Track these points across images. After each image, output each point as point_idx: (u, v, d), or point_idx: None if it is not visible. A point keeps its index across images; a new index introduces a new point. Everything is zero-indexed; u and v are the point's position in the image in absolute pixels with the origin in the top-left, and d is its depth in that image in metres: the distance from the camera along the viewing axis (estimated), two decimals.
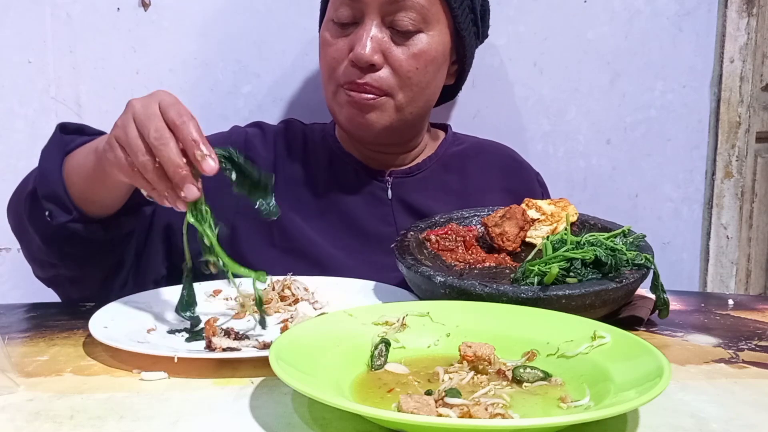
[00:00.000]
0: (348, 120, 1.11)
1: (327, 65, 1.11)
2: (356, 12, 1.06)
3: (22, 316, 0.94)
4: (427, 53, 1.09)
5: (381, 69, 1.07)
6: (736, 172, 1.49)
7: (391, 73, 1.07)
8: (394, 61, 1.07)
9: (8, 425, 0.58)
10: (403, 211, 1.16)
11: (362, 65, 1.06)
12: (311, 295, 0.94)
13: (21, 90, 1.33)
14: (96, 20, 1.33)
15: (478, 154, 1.25)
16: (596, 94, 1.45)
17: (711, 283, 1.53)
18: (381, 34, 1.06)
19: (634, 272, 0.84)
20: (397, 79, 1.08)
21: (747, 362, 0.76)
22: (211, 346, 0.74)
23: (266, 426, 0.58)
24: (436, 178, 1.20)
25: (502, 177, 1.23)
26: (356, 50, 1.05)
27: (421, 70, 1.09)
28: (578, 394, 0.61)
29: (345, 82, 1.08)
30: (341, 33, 1.09)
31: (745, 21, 1.45)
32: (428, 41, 1.08)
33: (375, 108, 1.09)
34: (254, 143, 1.17)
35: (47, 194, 0.91)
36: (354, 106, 1.09)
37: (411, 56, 1.07)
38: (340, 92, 1.09)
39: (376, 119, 1.09)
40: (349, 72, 1.07)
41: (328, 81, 1.11)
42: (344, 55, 1.08)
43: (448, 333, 0.73)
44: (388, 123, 1.10)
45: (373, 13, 1.05)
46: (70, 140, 0.97)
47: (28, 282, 1.35)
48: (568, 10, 1.43)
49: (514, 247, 0.98)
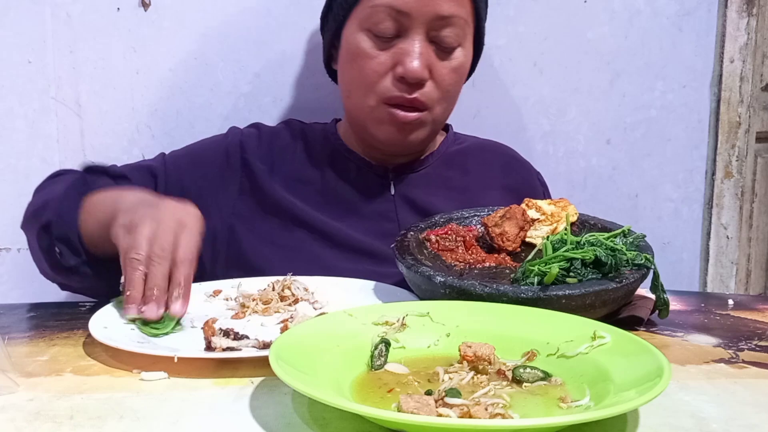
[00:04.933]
0: (386, 137, 1.11)
1: (366, 78, 1.08)
2: (400, 26, 1.05)
3: (22, 316, 0.94)
4: (463, 67, 1.11)
5: (426, 84, 1.07)
6: (736, 172, 1.49)
7: (434, 88, 1.08)
8: (437, 75, 1.08)
9: (8, 425, 0.58)
10: (405, 207, 1.16)
11: (413, 81, 1.05)
12: (311, 295, 0.94)
13: (21, 90, 1.33)
14: (96, 20, 1.33)
15: (480, 152, 1.26)
16: (596, 94, 1.45)
17: (711, 283, 1.53)
18: (427, 50, 1.06)
19: (634, 272, 0.84)
20: (439, 93, 1.09)
21: (747, 362, 0.76)
22: (211, 346, 0.74)
23: (266, 426, 0.58)
24: (438, 174, 1.20)
25: (502, 175, 1.24)
26: (408, 66, 1.04)
27: (458, 83, 1.12)
28: (578, 394, 0.61)
29: (390, 97, 1.07)
30: (383, 46, 1.07)
31: (745, 21, 1.45)
32: (464, 55, 1.10)
33: (417, 128, 1.10)
34: (249, 144, 1.17)
35: (60, 236, 0.96)
36: (396, 125, 1.09)
37: (452, 70, 1.09)
38: (381, 108, 1.08)
39: (415, 138, 1.11)
40: (396, 87, 1.06)
41: (366, 94, 1.09)
42: (387, 69, 1.07)
43: (448, 333, 0.73)
44: (424, 137, 1.13)
45: (420, 27, 1.05)
46: (92, 181, 1.02)
47: (28, 282, 1.36)
48: (568, 10, 1.43)
49: (514, 247, 0.98)
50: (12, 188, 1.34)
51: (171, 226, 0.82)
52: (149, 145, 1.36)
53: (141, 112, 1.36)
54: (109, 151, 1.36)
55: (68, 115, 1.34)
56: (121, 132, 1.36)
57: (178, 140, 1.33)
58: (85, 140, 1.35)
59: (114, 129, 1.36)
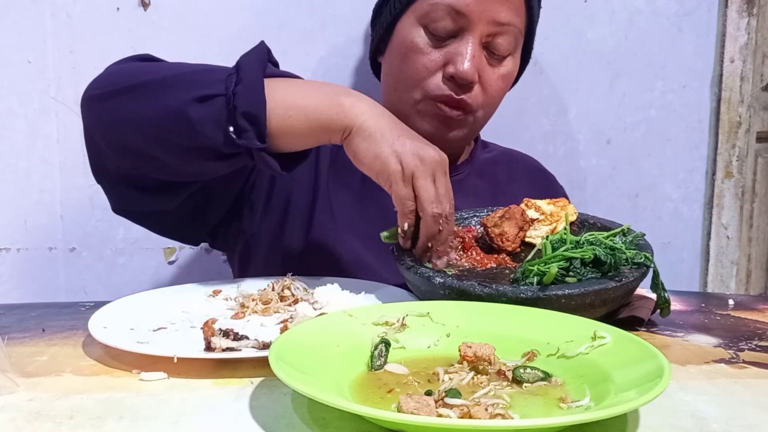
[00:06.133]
0: (429, 133, 1.10)
1: (415, 72, 1.09)
2: (458, 26, 1.06)
3: (22, 316, 0.94)
4: (510, 75, 1.13)
5: (473, 87, 1.08)
6: (736, 172, 1.49)
7: (480, 92, 1.09)
8: (485, 81, 1.08)
9: (8, 425, 0.58)
10: None
11: (464, 83, 1.06)
12: (311, 295, 0.94)
13: (21, 90, 1.33)
14: (96, 20, 1.33)
15: (508, 162, 1.28)
16: (596, 94, 1.45)
17: (711, 283, 1.53)
18: (479, 54, 1.07)
19: (633, 271, 0.84)
20: (485, 98, 1.10)
21: (747, 362, 0.76)
22: (211, 347, 0.74)
23: (266, 426, 0.58)
24: (469, 183, 1.21)
25: (530, 186, 1.25)
26: (460, 67, 1.05)
27: (504, 91, 1.13)
28: (578, 395, 0.61)
29: (438, 95, 1.08)
30: (437, 44, 1.08)
31: (745, 21, 1.45)
32: (513, 64, 1.12)
33: (460, 125, 1.11)
34: None
35: (246, 112, 0.85)
36: (440, 121, 1.10)
37: (500, 78, 1.10)
38: (427, 102, 1.09)
39: (455, 136, 1.12)
40: (444, 86, 1.07)
41: (413, 88, 1.10)
42: (438, 67, 1.08)
43: (448, 333, 0.73)
44: (462, 137, 1.13)
45: (476, 30, 1.06)
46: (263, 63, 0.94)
47: (28, 282, 1.36)
48: (568, 10, 1.43)
49: (513, 247, 0.98)
50: (12, 188, 1.34)
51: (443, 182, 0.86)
52: None
53: None
54: None
55: (68, 115, 1.34)
56: None
57: None
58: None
59: None
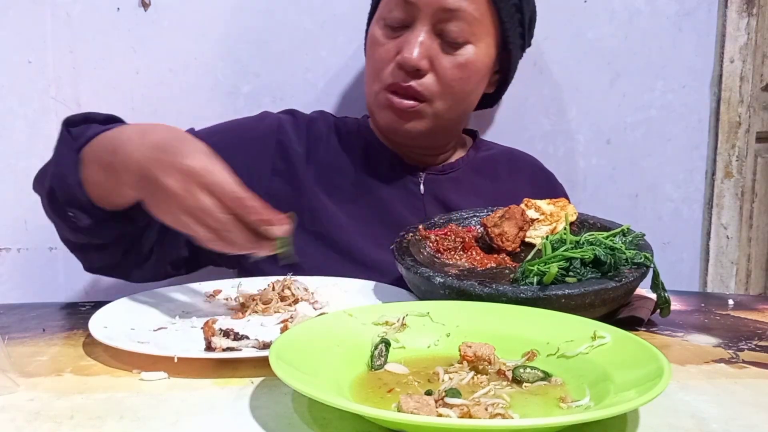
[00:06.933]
0: (386, 124, 1.13)
1: (374, 65, 1.12)
2: (409, 16, 1.07)
3: (22, 316, 0.94)
4: (472, 64, 1.10)
5: (426, 75, 1.08)
6: (736, 172, 1.49)
7: (434, 80, 1.08)
8: (439, 68, 1.08)
9: (8, 425, 0.58)
10: (435, 207, 1.17)
11: (408, 69, 1.07)
12: (311, 295, 0.94)
13: (21, 90, 1.33)
14: (96, 20, 1.33)
15: (508, 160, 1.28)
16: (596, 94, 1.45)
17: (711, 283, 1.53)
18: (430, 41, 1.07)
19: (633, 271, 0.84)
20: (440, 86, 1.09)
21: (747, 362, 0.76)
22: (211, 347, 0.74)
23: (266, 426, 0.58)
24: (468, 179, 1.21)
25: (530, 185, 1.25)
26: (404, 53, 1.06)
27: (464, 80, 1.10)
28: (578, 394, 0.61)
29: (389, 84, 1.09)
30: (391, 35, 1.09)
31: (745, 21, 1.45)
32: (475, 53, 1.09)
33: (414, 116, 1.10)
34: (287, 129, 1.17)
35: (67, 200, 0.89)
36: (393, 112, 1.10)
37: (456, 66, 1.08)
38: (382, 94, 1.11)
39: (413, 127, 1.11)
40: (394, 74, 1.08)
41: (373, 81, 1.12)
42: (392, 57, 1.09)
43: (448, 333, 0.73)
44: (425, 129, 1.12)
45: (425, 18, 1.06)
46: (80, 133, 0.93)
47: (28, 282, 1.36)
48: (568, 10, 1.43)
49: (513, 247, 0.98)
50: (12, 188, 1.34)
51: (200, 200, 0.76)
52: None
53: (141, 112, 1.36)
54: None
55: (68, 115, 1.34)
56: None
57: None
58: None
59: None
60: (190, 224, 0.77)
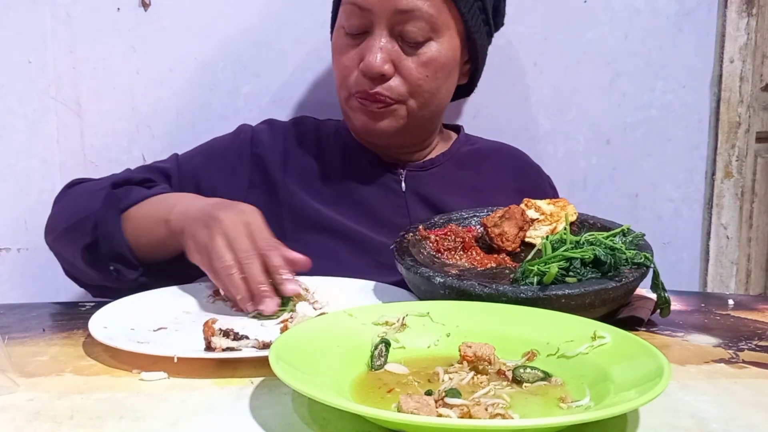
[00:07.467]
0: (361, 125, 1.13)
1: (340, 73, 1.12)
2: (366, 21, 1.07)
3: (22, 316, 0.94)
4: (437, 60, 1.09)
5: (391, 78, 1.08)
6: (736, 172, 1.49)
7: (401, 82, 1.08)
8: (404, 70, 1.08)
9: (8, 425, 0.58)
10: (417, 203, 1.17)
11: (373, 75, 1.07)
12: (311, 295, 0.94)
13: (21, 90, 1.33)
14: (96, 20, 1.33)
15: (492, 154, 1.27)
16: (596, 94, 1.45)
17: (711, 283, 1.53)
18: (391, 45, 1.07)
19: (633, 271, 0.84)
20: (408, 87, 1.09)
21: (747, 362, 0.76)
22: (211, 347, 0.74)
23: (266, 426, 0.58)
24: (450, 174, 1.21)
25: (515, 178, 1.25)
26: (366, 61, 1.06)
27: (432, 77, 1.10)
28: (578, 394, 0.61)
29: (356, 91, 1.09)
30: (352, 42, 1.09)
31: (745, 21, 1.45)
32: (438, 48, 1.09)
33: (386, 115, 1.10)
34: (261, 138, 1.18)
35: (113, 256, 1.00)
36: (365, 114, 1.11)
37: (421, 65, 1.08)
38: (352, 99, 1.11)
39: (388, 125, 1.11)
40: (360, 81, 1.08)
41: (341, 87, 1.13)
42: (355, 64, 1.09)
43: (448, 333, 0.73)
44: (399, 126, 1.12)
45: (382, 23, 1.06)
46: (123, 195, 1.03)
47: (28, 282, 1.36)
48: (568, 10, 1.43)
49: (513, 247, 0.98)
50: (12, 188, 1.34)
51: (240, 230, 0.88)
52: (149, 145, 1.36)
53: (141, 112, 1.36)
54: (109, 151, 1.36)
55: (68, 115, 1.34)
56: (121, 132, 1.36)
57: (177, 140, 1.33)
58: (85, 140, 1.35)
59: (114, 129, 1.36)
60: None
